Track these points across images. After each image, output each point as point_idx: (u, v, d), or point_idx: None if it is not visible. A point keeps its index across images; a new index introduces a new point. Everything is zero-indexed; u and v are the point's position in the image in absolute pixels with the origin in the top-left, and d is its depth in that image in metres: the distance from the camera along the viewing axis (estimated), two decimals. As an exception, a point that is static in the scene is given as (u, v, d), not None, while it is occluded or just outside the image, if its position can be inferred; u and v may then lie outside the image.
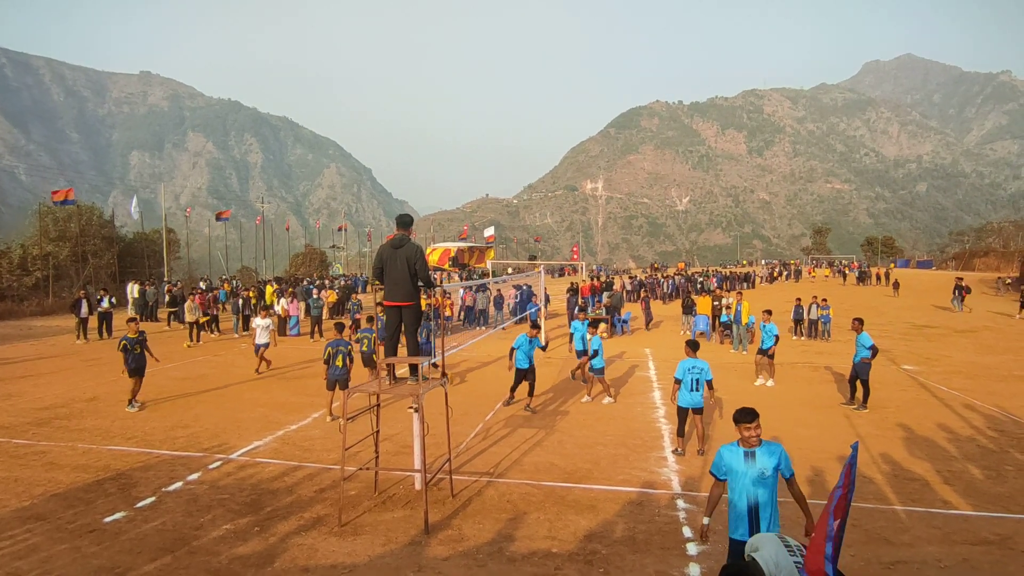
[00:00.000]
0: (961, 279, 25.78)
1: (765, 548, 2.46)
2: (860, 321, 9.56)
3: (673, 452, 7.06)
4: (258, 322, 12.10)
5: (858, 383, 9.18)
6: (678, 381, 7.09)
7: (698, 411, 7.05)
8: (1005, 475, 6.30)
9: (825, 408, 9.23)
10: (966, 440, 7.50)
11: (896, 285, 31.83)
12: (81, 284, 25.65)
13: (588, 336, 9.81)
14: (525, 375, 9.02)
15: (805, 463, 6.56)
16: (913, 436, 7.66)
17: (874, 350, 9.02)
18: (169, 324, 20.49)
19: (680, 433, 7.16)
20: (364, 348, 10.00)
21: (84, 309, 16.98)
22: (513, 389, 9.23)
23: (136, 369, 9.08)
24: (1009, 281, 33.31)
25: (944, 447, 7.25)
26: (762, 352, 11.03)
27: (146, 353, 9.32)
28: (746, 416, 3.59)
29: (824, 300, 17.54)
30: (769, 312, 11.57)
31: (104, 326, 17.81)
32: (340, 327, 9.53)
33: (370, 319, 11.45)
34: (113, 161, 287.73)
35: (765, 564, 2.38)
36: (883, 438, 7.59)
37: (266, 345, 11.95)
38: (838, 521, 2.47)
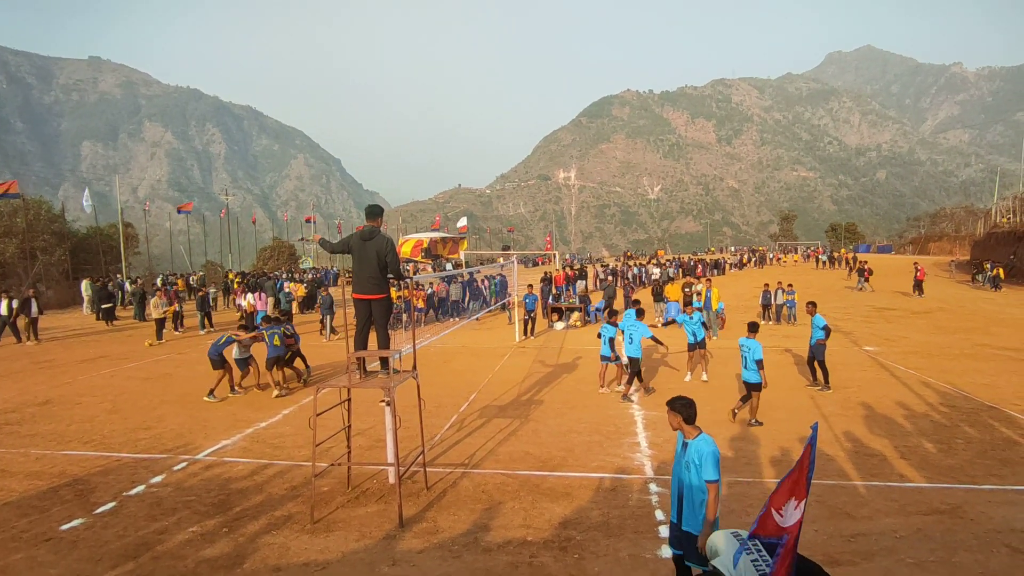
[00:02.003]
0: (865, 262, 28.36)
1: (724, 552, 2.49)
2: (814, 304, 9.93)
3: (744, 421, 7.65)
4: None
5: (816, 364, 9.51)
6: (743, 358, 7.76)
7: (752, 386, 7.53)
8: (955, 448, 6.64)
9: (792, 390, 9.54)
10: (921, 416, 7.87)
11: (851, 269, 33.40)
12: (31, 283, 24.31)
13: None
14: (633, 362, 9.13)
15: (774, 445, 6.78)
16: (873, 414, 8.00)
17: (827, 330, 9.38)
18: (108, 323, 19.51)
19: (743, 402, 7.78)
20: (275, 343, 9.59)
21: (34, 309, 16.15)
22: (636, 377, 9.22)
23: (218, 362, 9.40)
24: (986, 264, 35.15)
25: (901, 423, 7.59)
26: (696, 346, 10.06)
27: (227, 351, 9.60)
28: (668, 403, 3.60)
29: (790, 285, 18.08)
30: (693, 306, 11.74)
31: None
32: (268, 319, 10.59)
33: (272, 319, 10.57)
34: (63, 152, 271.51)
35: (725, 568, 2.42)
36: (846, 417, 7.90)
37: (249, 358, 9.96)
38: (799, 500, 2.53)
